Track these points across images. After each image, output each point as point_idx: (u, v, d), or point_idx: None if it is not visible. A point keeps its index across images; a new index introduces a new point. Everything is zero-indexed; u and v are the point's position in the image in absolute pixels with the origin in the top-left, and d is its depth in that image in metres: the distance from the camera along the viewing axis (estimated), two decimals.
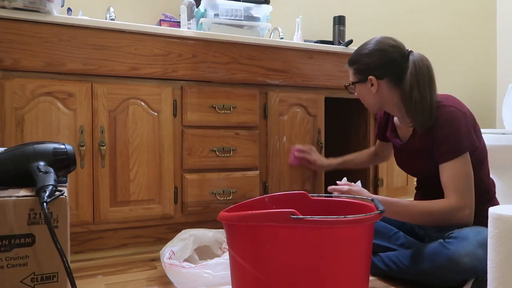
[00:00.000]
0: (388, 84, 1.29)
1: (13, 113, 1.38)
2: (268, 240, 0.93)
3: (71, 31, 1.44)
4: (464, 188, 1.19)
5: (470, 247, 1.09)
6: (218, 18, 1.75)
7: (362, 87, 1.34)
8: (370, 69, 1.30)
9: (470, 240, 1.10)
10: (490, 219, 0.89)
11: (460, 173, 1.19)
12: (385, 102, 1.33)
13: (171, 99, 1.60)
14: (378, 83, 1.30)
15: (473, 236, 1.11)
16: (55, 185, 0.73)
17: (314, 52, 1.85)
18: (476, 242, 1.09)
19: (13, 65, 1.37)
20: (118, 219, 1.52)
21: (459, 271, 1.10)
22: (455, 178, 1.19)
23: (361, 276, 0.98)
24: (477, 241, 1.09)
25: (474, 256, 1.08)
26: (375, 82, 1.29)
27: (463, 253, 1.09)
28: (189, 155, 1.63)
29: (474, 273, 1.10)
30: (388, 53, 1.28)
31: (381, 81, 1.29)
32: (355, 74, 1.35)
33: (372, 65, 1.29)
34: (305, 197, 1.21)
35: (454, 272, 1.11)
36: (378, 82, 1.29)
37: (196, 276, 1.17)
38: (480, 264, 1.08)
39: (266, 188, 1.78)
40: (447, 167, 1.21)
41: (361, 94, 1.36)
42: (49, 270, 0.72)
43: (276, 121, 1.79)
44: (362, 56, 1.32)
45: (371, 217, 0.96)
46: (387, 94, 1.30)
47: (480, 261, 1.08)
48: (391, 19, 2.68)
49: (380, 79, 1.29)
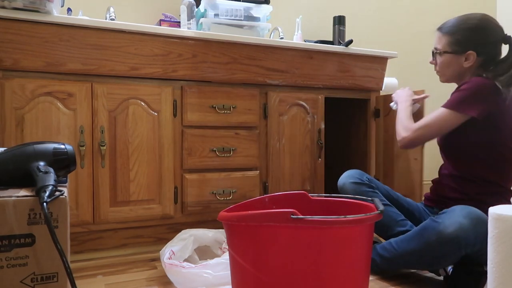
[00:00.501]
0: (480, 62, 1.32)
1: (13, 113, 1.38)
2: (268, 240, 0.93)
3: (71, 31, 1.44)
4: (424, 125, 1.31)
5: (455, 218, 1.12)
6: (218, 18, 1.75)
7: (455, 58, 1.35)
8: (472, 44, 1.31)
9: (456, 212, 1.14)
10: (490, 219, 0.89)
11: (436, 118, 1.29)
12: (465, 76, 1.36)
13: (171, 99, 1.60)
14: (475, 59, 1.31)
15: (460, 210, 1.15)
16: (55, 185, 0.73)
17: (314, 52, 1.85)
18: (461, 214, 1.13)
19: (13, 65, 1.37)
20: (118, 219, 1.52)
21: (444, 242, 1.12)
22: (430, 117, 1.31)
23: (361, 276, 0.98)
24: (462, 213, 1.13)
25: (458, 225, 1.11)
26: (474, 57, 1.31)
27: (447, 223, 1.12)
28: (189, 155, 1.63)
29: (457, 243, 1.11)
30: (494, 33, 1.31)
31: (478, 58, 1.31)
32: (451, 44, 1.35)
33: (476, 41, 1.31)
34: (305, 197, 1.21)
35: (440, 245, 1.13)
36: (476, 58, 1.31)
37: (196, 276, 1.17)
38: (464, 233, 1.10)
39: (266, 188, 1.78)
40: (437, 109, 1.30)
41: (447, 63, 1.37)
42: (49, 270, 0.72)
43: (276, 121, 1.79)
44: (466, 29, 1.32)
45: (371, 217, 0.96)
46: (473, 70, 1.33)
47: (464, 230, 1.10)
48: (391, 19, 2.68)
49: (478, 56, 1.31)
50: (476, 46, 1.30)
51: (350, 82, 1.94)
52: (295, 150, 1.83)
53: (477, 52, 1.31)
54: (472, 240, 1.11)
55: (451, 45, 1.35)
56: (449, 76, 1.40)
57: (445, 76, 1.41)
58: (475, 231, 1.10)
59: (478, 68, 1.33)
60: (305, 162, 1.85)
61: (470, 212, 1.13)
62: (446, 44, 1.36)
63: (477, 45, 1.30)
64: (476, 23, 1.31)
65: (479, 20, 1.32)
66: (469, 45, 1.31)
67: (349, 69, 1.93)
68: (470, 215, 1.12)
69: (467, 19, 1.34)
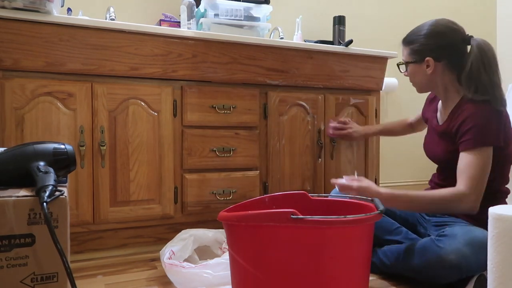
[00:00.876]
0: (444, 67, 1.30)
1: (13, 113, 1.38)
2: (268, 240, 0.93)
3: (71, 31, 1.44)
4: (476, 177, 1.19)
5: (457, 245, 1.11)
6: (218, 18, 1.75)
7: (417, 67, 1.33)
8: (428, 50, 1.29)
9: (458, 238, 1.12)
10: (490, 219, 0.89)
11: (477, 164, 1.19)
12: (436, 83, 1.33)
13: (171, 99, 1.60)
14: (435, 65, 1.29)
15: (462, 235, 1.13)
16: (55, 185, 0.73)
17: (314, 52, 1.85)
18: (464, 240, 1.11)
19: (13, 65, 1.37)
20: (118, 219, 1.52)
21: (445, 267, 1.12)
22: (471, 166, 1.19)
23: (361, 276, 0.98)
24: (465, 240, 1.11)
25: (460, 253, 1.10)
26: (432, 64, 1.29)
27: (449, 250, 1.11)
28: (189, 155, 1.63)
29: (458, 270, 1.11)
30: (449, 36, 1.28)
31: (438, 63, 1.29)
32: (410, 54, 1.34)
33: (431, 47, 1.29)
34: (305, 197, 1.21)
35: (441, 268, 1.13)
36: (435, 64, 1.29)
37: (196, 276, 1.17)
38: (465, 261, 1.09)
39: (266, 188, 1.78)
40: (466, 155, 1.21)
41: (413, 74, 1.36)
42: (49, 270, 0.72)
43: (276, 121, 1.79)
44: (421, 36, 1.31)
45: (371, 217, 0.96)
46: (440, 76, 1.31)
47: (466, 259, 1.09)
48: (391, 20, 2.68)
49: (438, 61, 1.29)
50: (433, 52, 1.28)
51: (350, 82, 1.94)
52: (295, 150, 1.83)
53: (435, 58, 1.29)
54: (474, 266, 1.11)
55: (410, 55, 1.34)
56: (421, 86, 1.38)
57: (416, 86, 1.39)
58: (477, 259, 1.10)
59: (445, 73, 1.30)
60: (305, 162, 1.85)
61: (472, 238, 1.12)
62: (407, 55, 1.36)
63: (433, 51, 1.28)
64: (428, 29, 1.29)
65: (431, 25, 1.30)
66: (426, 52, 1.29)
67: (349, 69, 1.92)
68: (472, 241, 1.11)
69: (422, 26, 1.32)
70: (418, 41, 1.31)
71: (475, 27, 3.01)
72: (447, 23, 1.30)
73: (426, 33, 1.29)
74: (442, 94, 1.35)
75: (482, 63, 1.23)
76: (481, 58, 1.23)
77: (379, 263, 1.32)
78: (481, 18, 3.02)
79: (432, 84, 1.34)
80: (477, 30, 3.02)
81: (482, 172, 1.20)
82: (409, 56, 1.35)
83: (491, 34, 3.07)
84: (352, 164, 1.96)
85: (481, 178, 1.19)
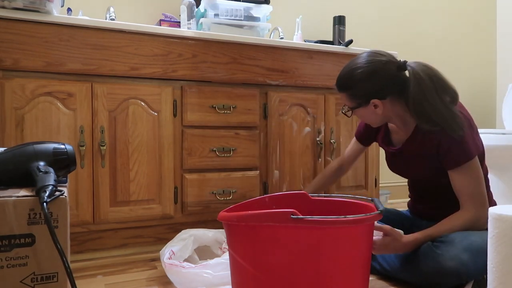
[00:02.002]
0: (391, 101, 1.25)
1: (13, 113, 1.38)
2: (268, 240, 0.93)
3: (71, 31, 1.44)
4: (478, 195, 1.19)
5: (455, 251, 1.10)
6: (218, 18, 1.75)
7: (364, 110, 1.27)
8: (370, 93, 1.23)
9: (456, 244, 1.12)
10: (490, 219, 0.89)
11: (472, 179, 1.19)
12: (389, 116, 1.29)
13: (171, 99, 1.60)
14: (382, 103, 1.24)
15: (459, 241, 1.13)
16: (55, 185, 0.73)
17: (314, 52, 1.85)
18: (462, 246, 1.11)
19: (13, 65, 1.37)
20: (118, 219, 1.52)
21: (444, 273, 1.11)
22: (468, 185, 1.20)
23: (361, 276, 0.98)
24: (463, 246, 1.11)
25: (458, 260, 1.09)
26: (379, 103, 1.23)
27: (447, 256, 1.11)
28: (189, 155, 1.63)
29: (457, 276, 1.10)
30: (384, 72, 1.21)
31: (384, 101, 1.24)
32: (352, 99, 1.27)
33: (370, 90, 1.22)
34: (305, 197, 1.21)
35: (439, 275, 1.12)
36: (382, 102, 1.24)
37: (196, 276, 1.17)
38: (464, 267, 1.09)
39: (266, 188, 1.78)
40: (457, 174, 1.21)
41: (363, 116, 1.30)
42: (49, 270, 0.72)
43: (276, 121, 1.79)
44: (356, 81, 1.23)
45: (371, 217, 0.96)
46: (391, 110, 1.26)
47: (464, 265, 1.09)
48: (391, 20, 2.68)
49: (383, 99, 1.23)
50: (375, 94, 1.22)
51: None
52: (295, 150, 1.83)
53: (380, 97, 1.22)
54: (472, 272, 1.10)
55: (352, 101, 1.27)
56: (376, 123, 1.32)
57: (373, 124, 1.33)
58: (475, 264, 1.10)
59: (394, 105, 1.25)
60: (305, 162, 1.85)
61: (470, 244, 1.11)
62: (347, 100, 1.28)
63: (375, 93, 1.22)
64: (363, 70, 1.21)
65: (365, 65, 1.21)
66: (368, 95, 1.23)
67: None
68: (470, 247, 1.10)
69: (353, 67, 1.23)
70: (354, 86, 1.24)
71: (475, 27, 3.01)
72: (377, 58, 1.22)
73: (360, 78, 1.22)
74: (398, 122, 1.31)
75: (421, 92, 1.17)
76: (418, 86, 1.17)
77: (380, 268, 1.30)
78: (481, 18, 3.02)
79: (385, 119, 1.30)
80: (477, 30, 3.02)
81: (480, 184, 1.20)
82: (351, 102, 1.27)
83: (491, 34, 3.07)
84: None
85: (481, 192, 1.20)
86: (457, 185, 1.22)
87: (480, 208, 1.19)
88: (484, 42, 3.04)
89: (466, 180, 1.20)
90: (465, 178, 1.20)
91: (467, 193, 1.20)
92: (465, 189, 1.20)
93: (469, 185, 1.20)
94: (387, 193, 2.47)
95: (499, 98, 3.03)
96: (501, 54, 3.05)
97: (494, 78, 3.08)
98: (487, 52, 3.05)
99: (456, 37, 2.93)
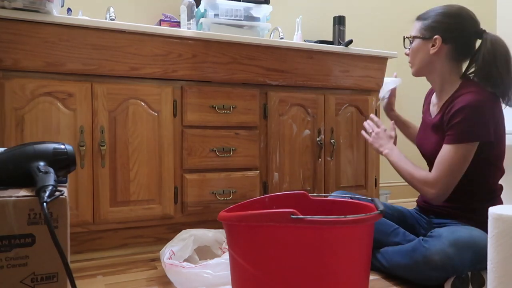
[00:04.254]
0: (448, 51, 1.27)
1: (13, 113, 1.38)
2: (268, 240, 0.93)
3: (71, 31, 1.44)
4: (448, 173, 1.21)
5: (441, 246, 1.12)
6: (218, 18, 1.75)
7: (422, 44, 1.30)
8: (439, 29, 1.26)
9: (443, 239, 1.13)
10: (490, 219, 0.89)
11: (453, 159, 1.20)
12: (434, 68, 1.30)
13: (171, 99, 1.60)
14: (441, 46, 1.26)
15: (447, 236, 1.14)
16: (55, 185, 0.73)
17: (314, 52, 1.85)
18: (448, 241, 1.12)
19: (13, 65, 1.37)
20: (118, 219, 1.52)
21: (432, 267, 1.13)
22: (447, 161, 1.21)
23: (361, 276, 0.98)
24: (449, 241, 1.12)
25: (444, 254, 1.11)
26: (439, 43, 1.26)
27: (434, 251, 1.12)
28: (189, 155, 1.63)
29: (444, 270, 1.12)
30: (464, 21, 1.26)
31: (444, 45, 1.26)
32: (421, 29, 1.31)
33: (443, 26, 1.26)
34: (305, 197, 1.21)
35: (428, 268, 1.14)
36: (442, 45, 1.26)
37: (196, 276, 1.17)
38: (449, 262, 1.10)
39: (266, 188, 1.78)
40: (446, 148, 1.22)
41: (416, 50, 1.32)
42: (49, 270, 0.72)
43: (276, 121, 1.79)
44: (437, 14, 1.28)
45: (371, 217, 0.96)
46: (441, 60, 1.28)
47: (450, 259, 1.10)
48: (391, 20, 2.68)
49: (444, 43, 1.26)
50: (444, 32, 1.25)
51: (350, 82, 1.94)
52: (295, 150, 1.83)
53: (444, 38, 1.25)
54: (459, 267, 1.11)
55: (421, 30, 1.31)
56: (418, 66, 1.34)
57: (415, 66, 1.35)
58: (461, 259, 1.11)
59: (447, 58, 1.27)
60: (305, 162, 1.85)
61: (456, 238, 1.12)
62: (417, 29, 1.32)
63: (444, 31, 1.25)
64: (448, 9, 1.27)
65: (451, 7, 1.28)
66: (437, 29, 1.26)
67: (349, 69, 1.93)
68: (456, 242, 1.11)
69: (443, 6, 1.30)
70: (432, 17, 1.28)
71: None
72: (467, 11, 1.28)
73: (443, 12, 1.27)
74: (437, 82, 1.32)
75: (493, 58, 1.21)
76: (493, 52, 1.21)
77: (379, 265, 1.32)
78: (481, 18, 3.01)
79: (431, 67, 1.31)
80: None
81: (456, 168, 1.20)
82: (418, 31, 1.31)
83: None
84: (352, 164, 1.96)
85: (452, 174, 1.21)
86: (439, 157, 1.24)
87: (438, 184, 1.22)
88: None
89: (448, 158, 1.21)
90: (449, 156, 1.21)
91: (440, 166, 1.22)
92: (442, 163, 1.22)
93: (448, 164, 1.21)
94: (387, 193, 2.47)
95: None
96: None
97: None
98: None
99: None
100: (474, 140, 1.19)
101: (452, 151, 1.20)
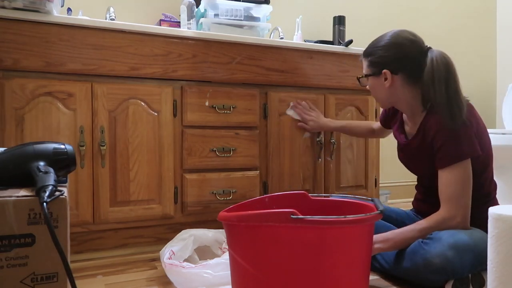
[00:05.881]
0: (402, 80, 1.26)
1: (13, 113, 1.38)
2: (268, 240, 0.93)
3: (71, 31, 1.44)
4: (457, 197, 1.18)
5: (441, 248, 1.11)
6: (218, 18, 1.75)
7: (376, 80, 1.30)
8: (385, 63, 1.26)
9: (443, 241, 1.12)
10: (490, 219, 0.89)
11: (456, 181, 1.18)
12: (397, 98, 1.30)
13: (171, 99, 1.60)
14: (393, 78, 1.26)
15: (446, 238, 1.12)
16: (55, 185, 0.73)
17: (314, 52, 1.85)
18: (448, 244, 1.11)
19: (13, 65, 1.37)
20: (118, 219, 1.52)
21: (432, 270, 1.12)
22: (450, 186, 1.19)
23: (361, 276, 0.98)
24: (449, 243, 1.11)
25: (444, 257, 1.10)
26: (389, 76, 1.26)
27: (434, 253, 1.11)
28: (189, 155, 1.63)
29: (444, 273, 1.11)
30: (405, 48, 1.25)
31: (395, 76, 1.26)
32: (369, 67, 1.31)
33: (388, 59, 1.26)
34: (305, 197, 1.21)
35: (428, 271, 1.13)
36: (393, 76, 1.26)
37: (196, 276, 1.17)
38: (450, 265, 1.09)
39: (266, 188, 1.78)
40: (444, 174, 1.20)
41: (373, 87, 1.33)
42: (49, 270, 0.72)
43: (276, 121, 1.79)
44: (378, 48, 1.28)
45: (371, 217, 0.96)
46: (400, 90, 1.28)
47: (450, 262, 1.09)
48: (391, 20, 2.68)
49: (395, 74, 1.26)
50: (390, 64, 1.25)
51: (350, 82, 1.94)
52: (295, 150, 1.83)
53: (392, 70, 1.25)
54: (459, 269, 1.11)
55: (369, 68, 1.31)
56: (381, 101, 1.35)
57: (379, 101, 1.37)
58: (461, 262, 1.10)
59: (404, 86, 1.26)
60: (305, 162, 1.85)
61: (456, 241, 1.11)
62: (365, 67, 1.33)
63: (390, 63, 1.25)
64: (387, 41, 1.26)
65: (390, 37, 1.26)
66: (383, 64, 1.26)
67: (349, 69, 1.93)
68: (456, 245, 1.10)
69: (381, 37, 1.29)
70: (376, 53, 1.28)
71: (475, 27, 3.01)
72: (407, 35, 1.26)
73: (384, 44, 1.27)
74: (406, 109, 1.32)
75: (432, 77, 1.19)
76: (432, 71, 1.19)
77: (379, 266, 1.31)
78: (481, 18, 3.02)
79: (393, 99, 1.31)
80: (477, 30, 3.02)
81: (463, 187, 1.18)
82: (367, 69, 1.32)
83: (491, 34, 3.07)
84: (352, 164, 1.96)
85: (462, 194, 1.18)
86: (440, 186, 1.21)
87: (452, 210, 1.17)
88: (484, 42, 3.04)
89: (450, 182, 1.18)
90: (450, 180, 1.19)
91: (446, 195, 1.19)
92: (445, 190, 1.19)
93: (452, 187, 1.18)
94: (387, 193, 2.47)
95: (499, 98, 3.03)
96: (501, 54, 3.05)
97: (494, 78, 3.08)
98: (487, 52, 3.05)
99: (456, 37, 2.93)
100: (464, 158, 1.18)
101: (450, 174, 1.19)
